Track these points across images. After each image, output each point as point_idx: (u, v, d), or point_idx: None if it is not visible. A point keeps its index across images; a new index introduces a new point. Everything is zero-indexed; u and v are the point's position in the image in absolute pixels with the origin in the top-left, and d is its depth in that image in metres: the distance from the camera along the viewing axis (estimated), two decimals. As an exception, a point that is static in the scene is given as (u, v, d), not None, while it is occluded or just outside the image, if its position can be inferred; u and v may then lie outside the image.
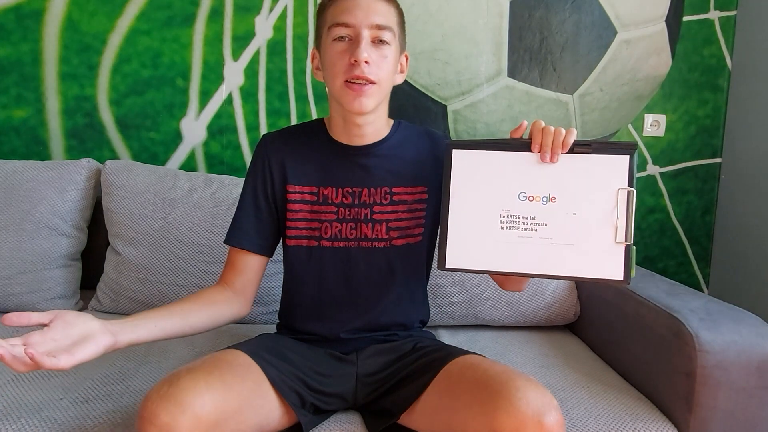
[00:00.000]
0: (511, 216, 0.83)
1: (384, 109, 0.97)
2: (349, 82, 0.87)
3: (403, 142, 1.00)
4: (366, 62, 0.86)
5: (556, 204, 0.82)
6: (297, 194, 0.97)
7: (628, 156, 0.80)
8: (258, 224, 0.98)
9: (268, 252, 1.00)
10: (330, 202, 0.96)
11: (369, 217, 0.96)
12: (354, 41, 0.87)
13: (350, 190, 0.96)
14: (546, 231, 0.82)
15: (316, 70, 0.96)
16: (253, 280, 0.99)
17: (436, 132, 1.06)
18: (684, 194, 1.78)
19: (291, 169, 0.97)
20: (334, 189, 0.96)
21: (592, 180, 0.81)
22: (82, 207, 1.42)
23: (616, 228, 0.80)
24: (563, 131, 0.81)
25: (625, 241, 0.80)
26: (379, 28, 0.87)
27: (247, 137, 1.66)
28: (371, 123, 0.95)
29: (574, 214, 0.81)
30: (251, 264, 0.98)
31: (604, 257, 0.80)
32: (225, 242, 0.98)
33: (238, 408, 0.77)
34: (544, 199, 0.82)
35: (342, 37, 0.88)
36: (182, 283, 1.34)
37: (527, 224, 0.82)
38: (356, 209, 0.96)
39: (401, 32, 0.94)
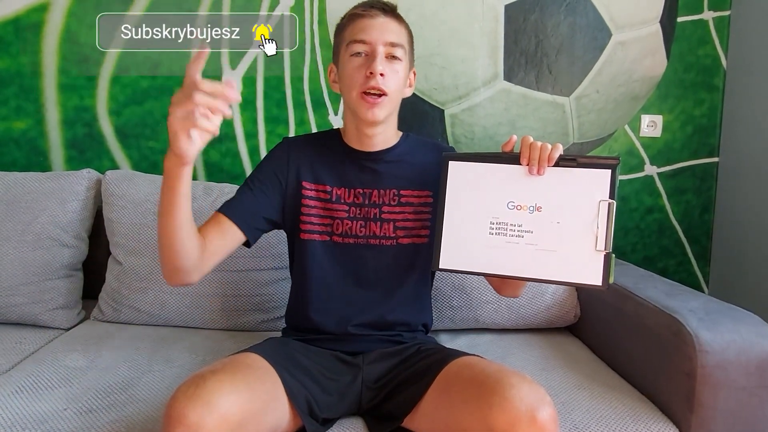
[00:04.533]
0: (500, 223, 0.90)
1: (393, 120, 1.05)
2: (365, 93, 0.95)
3: (411, 150, 1.07)
4: (381, 74, 0.94)
5: (541, 213, 0.88)
6: (312, 191, 1.04)
7: (610, 170, 0.86)
8: (256, 204, 1.00)
9: (251, 234, 0.99)
10: (342, 201, 1.03)
11: (378, 216, 1.03)
12: (370, 56, 0.96)
13: (361, 191, 1.03)
14: (531, 238, 0.88)
15: (333, 83, 1.04)
16: (219, 253, 0.96)
17: (443, 144, 1.15)
18: (682, 194, 1.78)
19: (307, 169, 1.04)
20: (346, 189, 1.03)
21: (575, 192, 0.87)
22: (83, 217, 1.43)
23: (597, 237, 0.85)
24: (549, 146, 0.87)
25: (605, 249, 0.85)
26: (393, 45, 0.96)
27: (246, 145, 1.67)
28: (381, 132, 1.03)
29: (558, 223, 0.87)
30: (230, 237, 0.97)
31: (584, 264, 0.86)
32: (218, 210, 0.98)
33: (259, 410, 0.80)
34: (531, 208, 0.89)
35: (359, 53, 0.96)
36: (183, 292, 1.35)
37: (514, 231, 0.89)
38: (366, 209, 1.03)
39: (411, 50, 1.03)
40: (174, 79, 1.62)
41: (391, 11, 0.99)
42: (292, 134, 1.67)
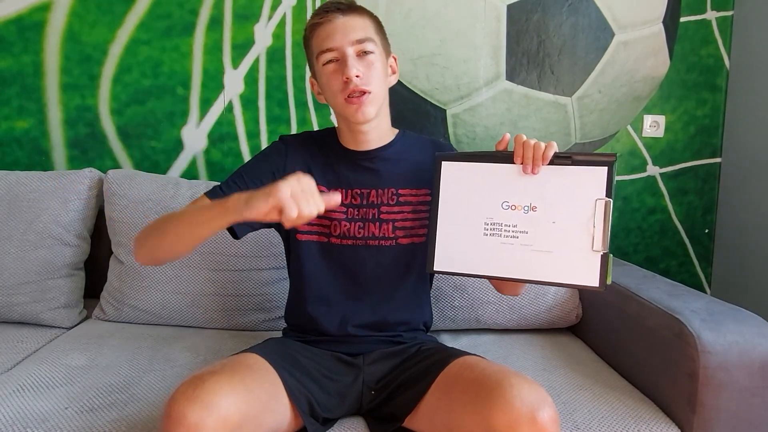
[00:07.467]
0: (494, 224, 0.88)
1: (385, 114, 1.03)
2: (348, 97, 0.93)
3: (408, 147, 1.05)
4: (357, 76, 0.92)
5: (536, 213, 0.86)
6: None
7: (606, 167, 0.83)
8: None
9: (239, 227, 0.96)
10: (340, 202, 0.99)
11: (376, 217, 1.01)
12: (341, 61, 0.94)
13: (359, 191, 1.01)
14: (527, 238, 0.86)
15: (318, 95, 1.02)
16: None
17: (441, 141, 1.12)
18: (684, 194, 1.78)
19: (304, 168, 1.01)
20: (344, 190, 1.01)
21: (571, 190, 0.85)
22: (84, 216, 1.43)
23: (593, 237, 0.83)
24: (543, 145, 0.85)
25: (602, 249, 0.83)
26: (359, 41, 0.94)
27: (248, 144, 1.67)
28: (375, 129, 1.01)
29: (554, 222, 0.85)
30: None
31: (581, 264, 0.84)
32: (208, 195, 0.96)
33: (258, 410, 0.79)
34: (526, 208, 0.87)
35: (330, 60, 0.94)
36: (185, 291, 1.35)
37: (509, 231, 0.87)
38: (364, 209, 1.01)
39: (382, 38, 1.00)
40: (175, 79, 1.62)
41: (348, 8, 0.95)
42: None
